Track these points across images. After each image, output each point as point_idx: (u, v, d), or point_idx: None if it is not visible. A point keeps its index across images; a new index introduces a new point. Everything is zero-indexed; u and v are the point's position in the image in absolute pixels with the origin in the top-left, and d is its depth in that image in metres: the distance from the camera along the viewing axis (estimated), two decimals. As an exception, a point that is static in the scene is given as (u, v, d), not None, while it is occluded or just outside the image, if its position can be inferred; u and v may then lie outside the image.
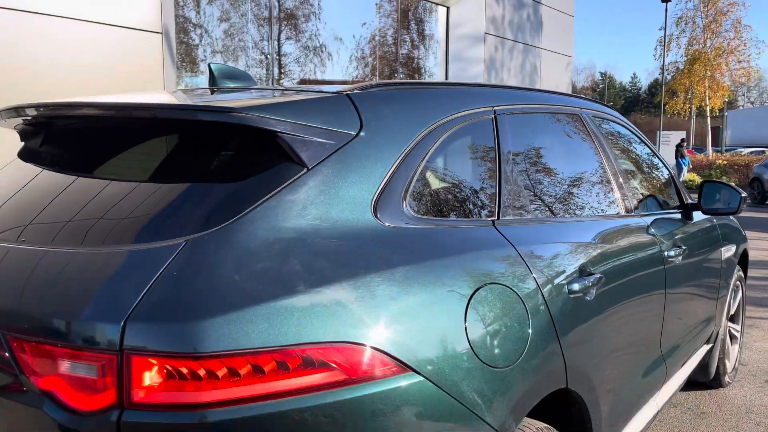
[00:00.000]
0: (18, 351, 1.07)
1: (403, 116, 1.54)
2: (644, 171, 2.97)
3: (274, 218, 1.19)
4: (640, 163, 2.97)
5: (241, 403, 1.03)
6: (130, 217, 1.21)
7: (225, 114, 1.28)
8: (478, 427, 1.28)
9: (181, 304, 1.03)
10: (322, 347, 1.10)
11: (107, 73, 4.91)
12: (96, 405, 1.02)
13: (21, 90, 4.41)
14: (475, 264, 1.44)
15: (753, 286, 6.72)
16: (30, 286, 1.12)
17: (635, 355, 2.17)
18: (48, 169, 1.57)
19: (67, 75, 4.71)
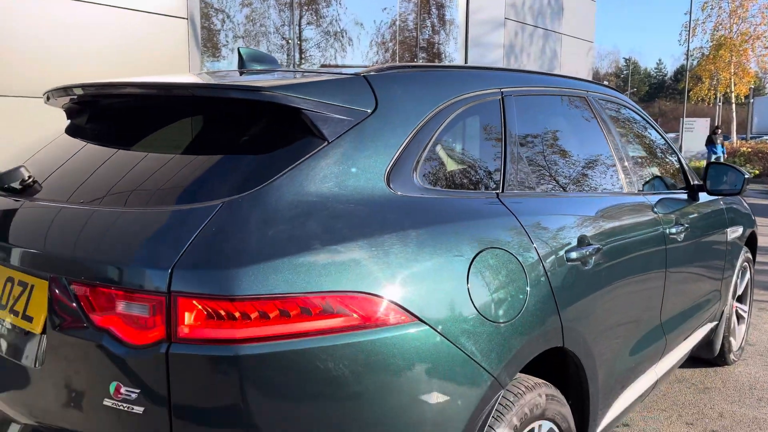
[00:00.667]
0: (81, 295, 1.25)
1: (415, 96, 1.68)
2: (651, 153, 3.08)
3: (298, 184, 1.35)
4: (647, 145, 3.08)
5: (269, 340, 1.19)
6: (172, 183, 1.38)
7: (256, 92, 1.44)
8: (476, 372, 1.44)
9: (219, 255, 1.19)
10: (340, 296, 1.26)
11: (134, 58, 5.11)
12: (147, 339, 1.19)
13: (50, 75, 4.63)
14: (478, 230, 1.60)
15: (765, 271, 6.77)
16: (90, 240, 1.29)
17: (633, 323, 2.31)
18: (92, 142, 1.74)
19: (95, 60, 4.91)
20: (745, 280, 4.00)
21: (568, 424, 1.88)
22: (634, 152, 2.80)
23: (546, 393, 1.75)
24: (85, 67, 4.83)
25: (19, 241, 1.41)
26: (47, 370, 1.33)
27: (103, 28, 4.97)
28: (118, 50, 5.03)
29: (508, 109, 1.98)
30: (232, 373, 1.18)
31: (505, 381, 1.53)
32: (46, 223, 1.39)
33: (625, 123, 2.86)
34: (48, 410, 1.36)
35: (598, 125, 2.47)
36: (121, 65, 4.99)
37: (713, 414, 3.24)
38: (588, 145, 2.41)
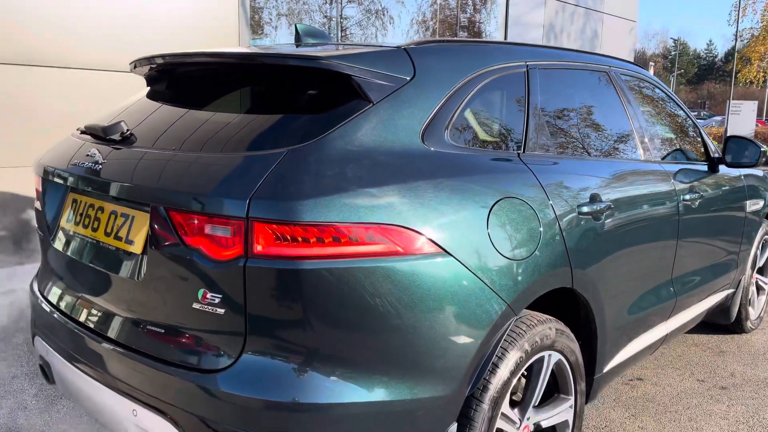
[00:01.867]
0: (176, 221, 1.57)
1: (449, 66, 1.95)
2: (671, 125, 3.27)
3: (348, 137, 1.64)
4: (668, 118, 3.28)
5: (323, 259, 1.49)
6: (248, 135, 1.69)
7: (314, 61, 1.74)
8: (492, 298, 1.72)
9: (286, 190, 1.49)
10: (381, 227, 1.55)
11: (188, 34, 5.46)
12: (229, 255, 1.50)
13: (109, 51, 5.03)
14: (499, 182, 1.86)
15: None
16: (184, 178, 1.60)
17: (643, 278, 2.55)
18: (173, 104, 2.06)
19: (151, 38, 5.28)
20: (767, 252, 4.16)
21: (576, 358, 2.15)
22: (654, 124, 3.01)
23: (556, 328, 2.02)
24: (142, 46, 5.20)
25: (123, 181, 1.74)
26: (146, 281, 1.67)
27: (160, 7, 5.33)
28: (172, 29, 5.39)
29: (532, 80, 2.23)
30: (293, 283, 1.49)
31: (517, 308, 1.81)
32: (146, 166, 1.71)
33: (647, 97, 3.06)
34: (146, 310, 1.70)
35: (618, 98, 2.70)
36: (175, 43, 5.34)
37: (725, 374, 3.45)
38: (607, 116, 2.64)
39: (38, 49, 4.74)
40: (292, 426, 1.51)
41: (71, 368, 1.91)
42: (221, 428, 1.54)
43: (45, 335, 2.06)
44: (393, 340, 1.59)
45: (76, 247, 1.94)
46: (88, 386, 1.84)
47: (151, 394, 1.64)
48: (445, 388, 1.66)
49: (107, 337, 1.78)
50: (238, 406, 1.52)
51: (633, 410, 2.97)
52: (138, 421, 1.69)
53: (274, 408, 1.51)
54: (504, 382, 1.81)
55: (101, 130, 1.88)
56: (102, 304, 1.84)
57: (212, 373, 1.54)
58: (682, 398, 3.12)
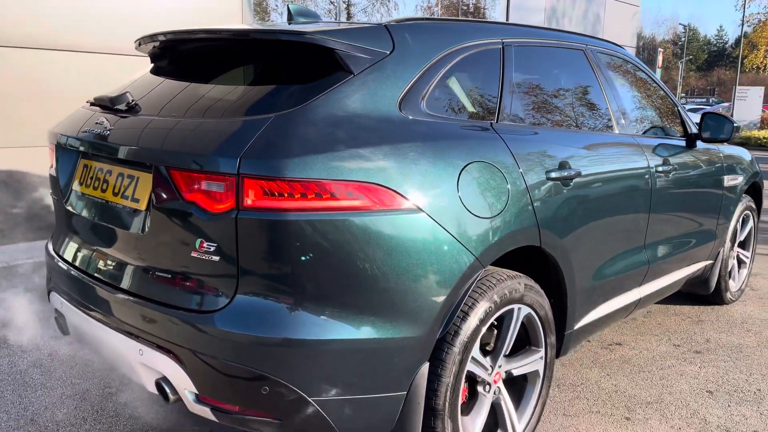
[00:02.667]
0: (176, 178, 1.76)
1: (427, 42, 2.13)
2: (649, 102, 3.43)
3: (330, 104, 1.82)
4: (646, 95, 3.43)
5: (306, 212, 1.67)
6: (238, 102, 1.87)
7: (301, 36, 1.91)
8: (461, 251, 1.90)
9: (273, 149, 1.67)
10: (359, 185, 1.73)
11: (191, 20, 5.64)
12: (222, 208, 1.69)
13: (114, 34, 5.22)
14: (470, 148, 2.04)
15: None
16: (182, 141, 1.79)
17: (613, 242, 2.72)
18: (174, 77, 2.25)
19: (157, 22, 5.46)
20: (747, 227, 4.32)
21: (545, 312, 2.33)
22: (631, 101, 3.17)
23: (525, 283, 2.21)
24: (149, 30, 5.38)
25: (129, 145, 1.93)
26: (150, 234, 1.86)
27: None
28: (176, 15, 5.57)
29: (507, 56, 2.40)
30: (280, 233, 1.67)
31: (485, 262, 1.99)
32: (150, 131, 1.90)
33: (624, 75, 3.22)
34: (150, 260, 1.90)
35: (594, 74, 2.86)
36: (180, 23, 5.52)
37: (700, 339, 3.63)
38: (581, 91, 2.81)
39: (51, 33, 4.94)
40: (281, 359, 1.70)
41: (83, 316, 2.11)
42: (219, 363, 1.74)
43: (60, 289, 2.27)
44: (370, 286, 1.77)
45: (88, 207, 2.14)
46: (98, 331, 2.05)
47: (155, 335, 1.84)
48: (418, 330, 1.85)
49: (116, 286, 1.98)
50: (233, 342, 1.71)
51: (609, 370, 3.16)
52: (144, 360, 1.89)
53: (264, 344, 1.70)
54: (474, 329, 1.99)
55: (109, 100, 2.08)
56: (111, 257, 2.04)
57: (210, 313, 1.74)
58: (657, 360, 3.31)
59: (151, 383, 1.91)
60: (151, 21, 5.38)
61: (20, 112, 4.85)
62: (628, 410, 2.76)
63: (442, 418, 1.95)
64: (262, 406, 1.75)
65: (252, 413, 1.77)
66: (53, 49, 4.97)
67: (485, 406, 2.18)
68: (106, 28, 5.21)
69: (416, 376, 1.88)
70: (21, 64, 4.84)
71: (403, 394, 1.87)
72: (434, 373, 1.93)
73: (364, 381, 1.79)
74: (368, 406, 1.82)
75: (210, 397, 1.79)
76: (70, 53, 5.07)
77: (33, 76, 4.90)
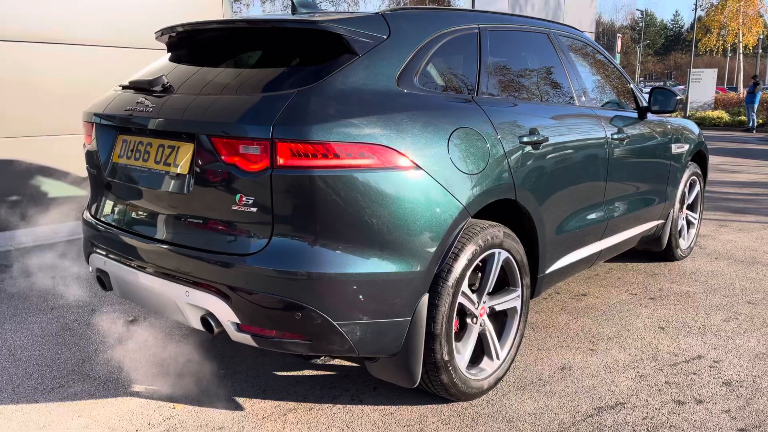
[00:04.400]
0: (216, 144, 2.11)
1: (417, 27, 2.51)
2: (605, 79, 3.88)
3: (341, 81, 2.19)
4: (602, 73, 3.88)
5: (327, 168, 2.04)
6: (267, 81, 2.23)
7: (314, 24, 2.28)
8: (452, 201, 2.30)
9: (299, 118, 2.04)
10: (368, 146, 2.11)
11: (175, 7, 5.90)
12: (258, 168, 2.05)
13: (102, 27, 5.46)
14: (456, 116, 2.44)
15: (740, 199, 7.60)
16: (221, 112, 2.13)
17: (577, 198, 3.16)
18: (198, 64, 2.59)
19: (141, 15, 5.72)
20: (695, 191, 4.83)
21: (521, 257, 2.75)
22: (588, 77, 3.61)
23: (504, 231, 2.62)
24: (136, 23, 5.64)
25: (171, 119, 2.27)
26: (194, 194, 2.21)
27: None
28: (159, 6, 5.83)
29: (483, 39, 2.80)
30: (306, 186, 2.04)
31: (471, 210, 2.39)
32: (189, 107, 2.24)
33: (582, 54, 3.66)
34: (194, 215, 2.25)
35: (556, 54, 3.29)
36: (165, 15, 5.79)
37: (654, 289, 4.12)
38: (546, 69, 3.23)
39: (45, 26, 5.16)
40: (311, 290, 2.08)
41: (129, 270, 2.45)
42: (259, 295, 2.10)
43: (102, 250, 2.60)
44: (380, 229, 2.15)
45: (129, 175, 2.47)
46: (144, 281, 2.39)
47: (202, 277, 2.20)
48: (419, 266, 2.24)
49: (164, 240, 2.33)
50: (271, 277, 2.08)
51: (575, 315, 3.62)
52: (190, 300, 2.24)
53: (297, 277, 2.08)
54: (463, 267, 2.40)
55: (147, 83, 2.41)
56: (158, 216, 2.38)
57: (250, 255, 2.10)
58: (617, 306, 3.78)
59: (196, 320, 2.27)
60: (136, 14, 5.64)
61: (12, 103, 5.07)
62: (592, 344, 3.21)
63: (439, 340, 2.36)
64: (295, 330, 2.13)
65: (287, 336, 2.15)
66: (44, 42, 5.20)
67: (473, 335, 2.60)
68: (96, 21, 5.45)
69: (418, 305, 2.28)
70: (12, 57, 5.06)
71: (408, 320, 2.26)
72: (432, 303, 2.33)
73: (377, 308, 2.19)
74: (380, 329, 2.22)
75: (250, 325, 2.16)
76: (61, 46, 5.29)
77: (25, 68, 5.12)
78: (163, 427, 2.41)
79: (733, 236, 5.61)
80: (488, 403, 2.61)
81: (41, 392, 2.68)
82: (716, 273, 4.48)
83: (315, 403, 2.60)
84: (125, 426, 2.42)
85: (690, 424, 2.46)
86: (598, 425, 2.45)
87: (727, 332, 3.39)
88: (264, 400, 2.62)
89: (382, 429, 2.41)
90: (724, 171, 10.20)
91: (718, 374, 2.89)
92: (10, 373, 2.85)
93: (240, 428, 2.41)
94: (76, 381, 2.78)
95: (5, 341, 3.20)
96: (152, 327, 3.33)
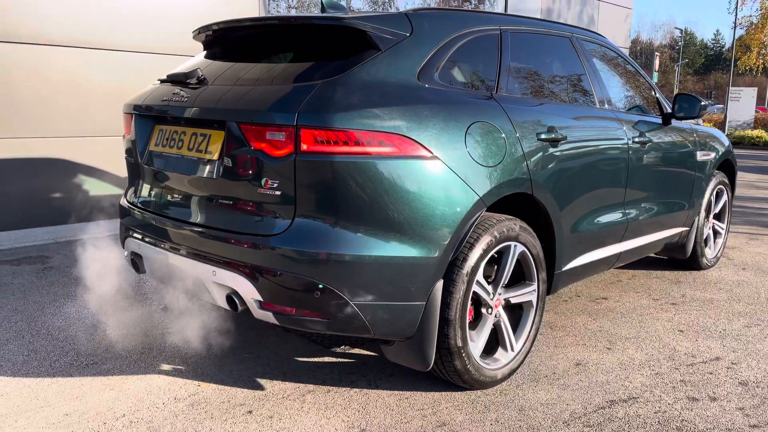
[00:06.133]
0: (245, 131, 2.25)
1: (439, 27, 2.63)
2: (629, 85, 3.93)
3: (365, 73, 2.31)
4: (626, 79, 3.94)
5: (348, 155, 2.15)
6: (294, 73, 2.36)
7: (341, 21, 2.41)
8: (468, 191, 2.38)
9: (322, 106, 2.16)
10: (388, 134, 2.22)
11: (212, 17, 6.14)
12: (283, 153, 2.17)
13: (142, 34, 5.72)
14: (474, 111, 2.53)
15: (764, 213, 7.49)
16: (250, 101, 2.27)
17: (595, 198, 3.21)
18: (230, 59, 2.74)
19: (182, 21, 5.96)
20: (722, 201, 4.81)
21: (537, 252, 2.82)
22: (611, 82, 3.67)
23: (520, 225, 2.69)
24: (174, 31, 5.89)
25: (203, 108, 2.42)
26: (223, 178, 2.35)
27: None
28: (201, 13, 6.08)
29: (504, 40, 2.90)
30: (328, 171, 2.16)
31: (487, 201, 2.47)
32: (220, 98, 2.39)
33: (606, 60, 3.72)
34: (223, 198, 2.38)
35: (578, 58, 3.36)
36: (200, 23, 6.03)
37: (677, 295, 4.12)
38: (567, 71, 3.31)
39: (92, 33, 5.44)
40: (330, 270, 2.18)
41: (161, 251, 2.60)
42: (282, 274, 2.21)
43: (137, 234, 2.75)
44: (397, 215, 2.25)
45: (164, 162, 2.63)
46: (175, 261, 2.53)
47: (228, 257, 2.33)
48: (434, 251, 2.33)
49: (194, 222, 2.47)
50: (293, 257, 2.19)
51: (595, 317, 3.64)
52: (216, 279, 2.37)
53: (318, 258, 2.19)
54: (478, 256, 2.48)
55: (183, 75, 2.57)
56: (188, 199, 2.53)
57: (274, 236, 2.22)
58: (637, 309, 3.79)
59: (222, 298, 2.40)
60: (174, 23, 5.89)
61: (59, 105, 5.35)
62: (609, 343, 3.24)
63: (453, 326, 2.44)
64: (314, 308, 2.23)
65: (306, 314, 2.25)
66: (92, 48, 5.48)
67: (488, 325, 2.66)
68: (136, 29, 5.72)
69: (433, 290, 2.36)
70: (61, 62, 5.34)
71: (423, 304, 2.35)
72: (447, 289, 2.42)
73: (393, 290, 2.28)
74: (396, 311, 2.31)
75: (272, 303, 2.28)
76: (105, 51, 5.57)
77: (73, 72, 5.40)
78: (188, 402, 2.54)
79: (763, 249, 5.54)
80: (501, 393, 2.66)
81: (76, 368, 2.84)
82: (742, 282, 4.45)
83: (333, 386, 2.69)
84: (152, 399, 2.55)
85: (702, 419, 2.48)
86: (609, 416, 2.49)
87: (748, 337, 3.38)
88: (284, 382, 2.72)
89: (396, 412, 2.49)
90: (758, 188, 10.03)
91: (735, 375, 2.89)
92: (48, 350, 3.02)
93: (260, 405, 2.52)
94: (109, 359, 2.93)
95: (44, 323, 3.38)
96: (182, 314, 3.48)
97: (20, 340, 3.14)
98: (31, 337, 3.17)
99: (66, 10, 5.29)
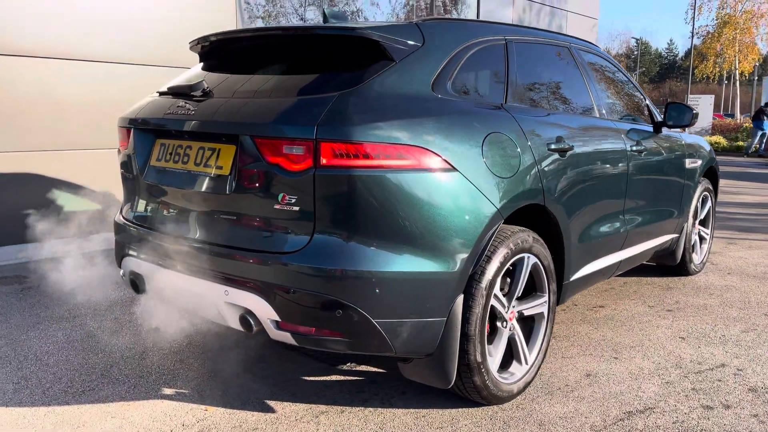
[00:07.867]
0: (260, 145, 2.16)
1: (449, 37, 2.59)
2: (622, 94, 3.96)
3: (379, 85, 2.25)
4: (619, 88, 3.97)
5: (367, 168, 2.08)
6: (312, 84, 2.28)
7: (354, 31, 2.35)
8: (485, 203, 2.34)
9: (342, 119, 2.09)
10: (406, 147, 2.16)
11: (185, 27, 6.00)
12: (302, 167, 2.09)
13: (120, 45, 5.55)
14: (488, 122, 2.49)
15: (747, 219, 7.68)
16: (266, 114, 2.18)
17: (599, 206, 3.20)
18: (237, 71, 2.65)
19: (158, 30, 5.82)
20: (707, 207, 4.89)
21: (548, 263, 2.79)
22: (607, 90, 3.69)
23: (533, 237, 2.66)
24: (151, 42, 5.74)
25: (212, 122, 2.32)
26: (236, 193, 2.25)
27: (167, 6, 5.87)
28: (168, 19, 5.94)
29: (510, 50, 2.88)
30: (348, 185, 2.09)
31: (504, 213, 2.44)
32: (230, 111, 2.30)
33: (601, 69, 3.74)
34: (235, 215, 2.28)
35: (577, 67, 3.37)
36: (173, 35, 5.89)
37: (671, 301, 4.15)
38: (569, 80, 3.31)
39: (69, 44, 5.25)
40: (351, 287, 2.11)
41: (164, 271, 2.48)
42: (300, 293, 2.12)
43: (136, 252, 2.62)
44: (418, 229, 2.19)
45: (168, 177, 2.51)
46: (181, 281, 2.42)
47: (240, 276, 2.23)
48: (455, 266, 2.27)
49: (203, 240, 2.36)
50: (313, 275, 2.11)
51: (595, 325, 3.64)
52: (229, 299, 2.27)
53: (338, 275, 2.11)
54: (496, 269, 2.43)
55: (187, 87, 2.47)
56: (196, 217, 2.42)
57: (292, 253, 2.14)
58: (635, 317, 3.81)
59: (235, 319, 2.30)
60: (152, 34, 5.74)
61: (32, 118, 5.14)
62: (615, 352, 3.23)
63: (473, 341, 2.38)
64: (335, 327, 2.15)
65: (326, 333, 2.17)
66: (69, 59, 5.28)
67: (504, 338, 2.62)
68: (114, 39, 5.54)
69: (453, 305, 2.31)
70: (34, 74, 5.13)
71: (444, 320, 2.29)
72: (467, 304, 2.36)
73: (416, 307, 2.22)
74: (417, 328, 2.24)
75: (290, 323, 2.19)
76: (83, 63, 5.38)
77: (50, 84, 5.20)
78: (197, 427, 2.42)
79: (743, 253, 5.66)
80: (518, 407, 2.62)
81: (72, 395, 2.69)
82: (730, 287, 4.52)
83: (346, 406, 2.61)
84: (159, 427, 2.43)
85: (720, 428, 2.48)
86: (630, 428, 2.46)
87: (748, 342, 3.41)
88: (295, 403, 2.63)
89: (415, 431, 2.42)
90: (728, 193, 10.29)
91: (743, 381, 2.91)
92: (39, 377, 2.86)
93: (274, 429, 2.41)
94: (106, 384, 2.78)
95: (31, 348, 3.20)
96: (177, 334, 3.34)
97: (7, 366, 2.97)
98: (18, 363, 3.00)
99: (38, 20, 5.09)
